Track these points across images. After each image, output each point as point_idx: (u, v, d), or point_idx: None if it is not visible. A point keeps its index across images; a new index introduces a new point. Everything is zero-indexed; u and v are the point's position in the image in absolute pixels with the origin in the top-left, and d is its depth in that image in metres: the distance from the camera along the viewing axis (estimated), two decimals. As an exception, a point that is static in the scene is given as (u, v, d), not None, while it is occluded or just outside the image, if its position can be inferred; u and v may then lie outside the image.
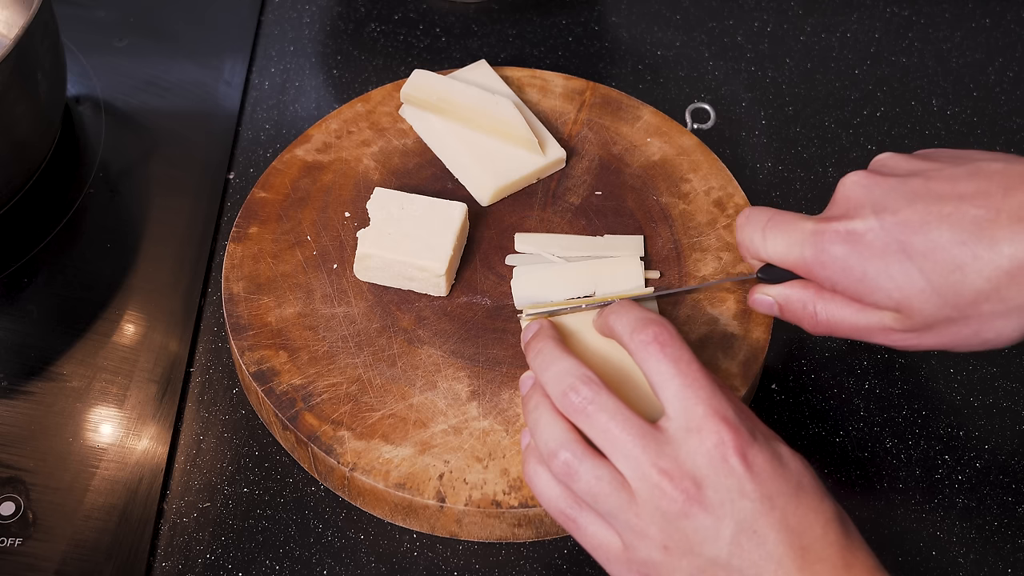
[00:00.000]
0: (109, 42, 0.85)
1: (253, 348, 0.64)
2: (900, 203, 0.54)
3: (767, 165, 0.80)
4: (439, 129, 0.74)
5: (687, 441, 0.50)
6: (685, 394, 0.51)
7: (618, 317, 0.55)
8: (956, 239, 0.52)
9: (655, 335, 0.52)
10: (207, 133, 0.80)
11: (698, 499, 0.49)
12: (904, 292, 0.54)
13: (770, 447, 0.51)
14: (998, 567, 0.62)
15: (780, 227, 0.58)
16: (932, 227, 0.53)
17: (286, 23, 0.88)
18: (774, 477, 0.50)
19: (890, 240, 0.54)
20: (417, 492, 0.59)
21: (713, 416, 0.50)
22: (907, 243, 0.53)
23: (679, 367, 0.51)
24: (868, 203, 0.55)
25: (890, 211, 0.54)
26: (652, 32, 0.88)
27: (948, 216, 0.52)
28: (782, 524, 0.49)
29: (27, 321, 0.70)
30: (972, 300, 0.53)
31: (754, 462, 0.49)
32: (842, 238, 0.55)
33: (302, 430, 0.61)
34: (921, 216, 0.53)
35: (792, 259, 0.57)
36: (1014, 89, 0.85)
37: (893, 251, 0.54)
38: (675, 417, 0.51)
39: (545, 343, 0.56)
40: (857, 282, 0.55)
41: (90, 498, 0.62)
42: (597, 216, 0.72)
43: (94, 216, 0.75)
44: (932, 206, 0.53)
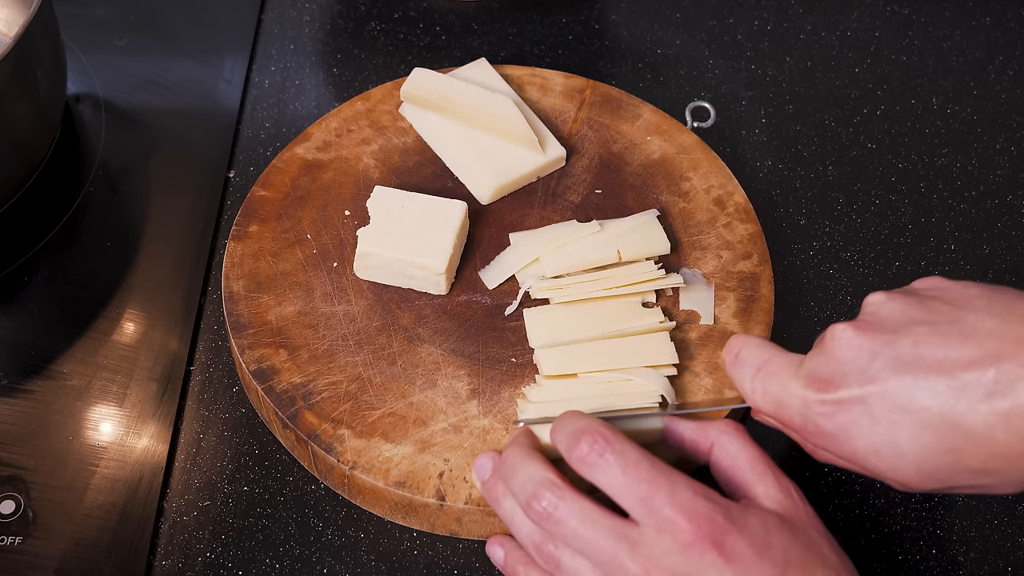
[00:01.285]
0: (109, 40, 0.85)
1: (253, 346, 0.64)
2: (887, 373, 0.50)
3: (767, 163, 0.80)
4: (439, 127, 0.74)
5: (660, 541, 0.49)
6: (645, 498, 0.50)
7: (556, 434, 0.54)
8: (947, 421, 0.49)
9: (590, 444, 0.51)
10: (207, 131, 0.80)
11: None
12: (897, 473, 0.51)
13: (750, 528, 0.49)
14: (998, 566, 0.62)
15: (770, 382, 0.54)
16: (921, 405, 0.49)
17: (286, 21, 0.88)
18: (757, 561, 0.49)
19: (879, 417, 0.50)
20: (417, 490, 0.59)
21: (681, 514, 0.49)
22: (896, 421, 0.50)
23: (627, 472, 0.50)
24: (855, 370, 0.51)
25: (878, 382, 0.50)
26: (652, 30, 0.88)
27: (938, 394, 0.49)
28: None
29: (27, 319, 0.70)
30: (969, 476, 0.50)
31: (733, 550, 0.49)
32: (829, 411, 0.52)
33: (302, 428, 0.61)
34: (909, 391, 0.50)
35: (782, 420, 0.54)
36: (1014, 87, 0.85)
37: (882, 430, 0.50)
38: (643, 521, 0.50)
39: (511, 448, 0.55)
40: (848, 455, 0.52)
41: (90, 496, 0.62)
42: (597, 214, 0.72)
43: (94, 215, 0.75)
44: (920, 380, 0.50)
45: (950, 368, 0.49)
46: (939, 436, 0.49)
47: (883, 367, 0.51)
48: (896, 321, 0.52)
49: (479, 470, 0.57)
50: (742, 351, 0.56)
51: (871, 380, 0.51)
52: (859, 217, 0.77)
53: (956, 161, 0.80)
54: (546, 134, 0.74)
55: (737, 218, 0.71)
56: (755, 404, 0.56)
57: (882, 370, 0.50)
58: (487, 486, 0.56)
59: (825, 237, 0.76)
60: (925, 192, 0.79)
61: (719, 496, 0.51)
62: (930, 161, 0.80)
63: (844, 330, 0.52)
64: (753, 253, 0.69)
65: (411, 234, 0.66)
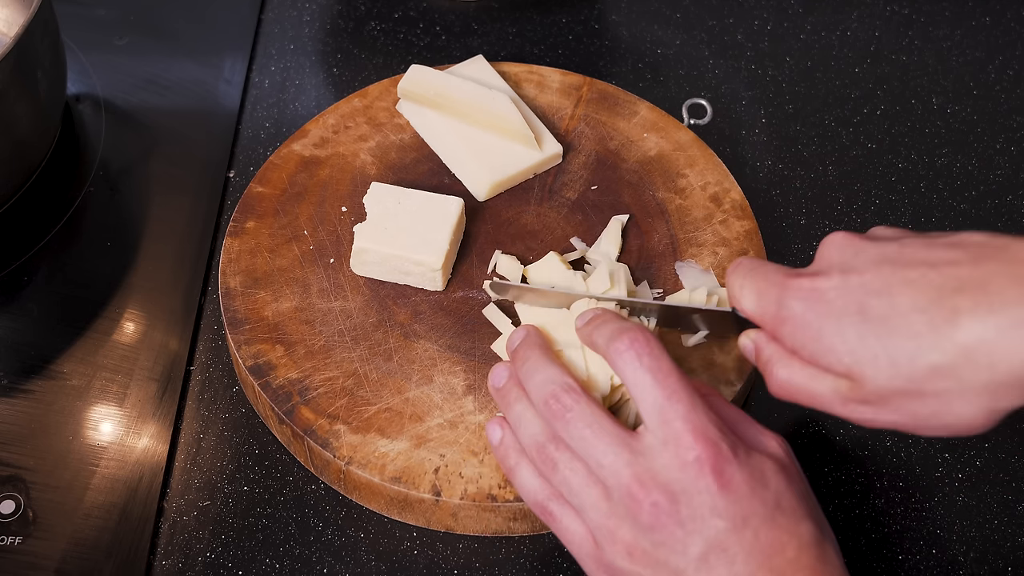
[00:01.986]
0: (109, 40, 0.85)
1: (250, 342, 0.64)
2: (867, 265, 0.52)
3: (767, 163, 0.80)
4: (436, 124, 0.74)
5: (663, 454, 0.50)
6: (663, 407, 0.50)
7: (596, 327, 0.55)
8: (915, 306, 0.49)
9: (631, 342, 0.52)
10: (207, 131, 0.80)
11: (669, 512, 0.49)
12: (856, 356, 0.51)
13: (750, 464, 0.50)
14: (998, 565, 0.62)
15: (756, 279, 0.56)
16: (894, 291, 0.50)
17: (286, 21, 0.88)
18: (750, 496, 0.49)
19: (849, 300, 0.51)
20: (413, 486, 0.59)
21: (691, 431, 0.49)
22: (866, 305, 0.51)
23: (657, 378, 0.51)
24: (838, 263, 0.53)
25: (856, 272, 0.52)
26: (652, 30, 0.88)
27: (912, 282, 0.50)
28: (753, 545, 0.48)
29: (27, 319, 0.70)
30: (927, 374, 0.49)
31: (730, 480, 0.49)
32: (805, 295, 0.53)
33: (298, 424, 0.61)
34: (885, 279, 0.51)
35: (759, 313, 0.55)
36: (1014, 87, 0.85)
37: (851, 312, 0.51)
38: (653, 429, 0.50)
39: (531, 351, 0.56)
40: (812, 340, 0.52)
41: (90, 496, 0.62)
42: (593, 211, 0.72)
43: (94, 214, 0.75)
44: (898, 270, 0.51)
45: (930, 263, 0.50)
46: (905, 322, 0.49)
47: (866, 260, 0.52)
48: (888, 236, 0.54)
49: (495, 377, 0.57)
50: (741, 262, 0.58)
51: (851, 271, 0.52)
52: (859, 217, 0.77)
53: (956, 161, 0.80)
54: (543, 131, 0.74)
55: (733, 215, 0.71)
56: (739, 301, 0.56)
57: (864, 263, 0.52)
58: (501, 391, 0.56)
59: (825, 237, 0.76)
60: (925, 192, 0.79)
61: (740, 425, 0.51)
62: (930, 161, 0.80)
63: (835, 233, 0.55)
64: (749, 250, 0.69)
65: (407, 230, 0.66)
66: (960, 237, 0.51)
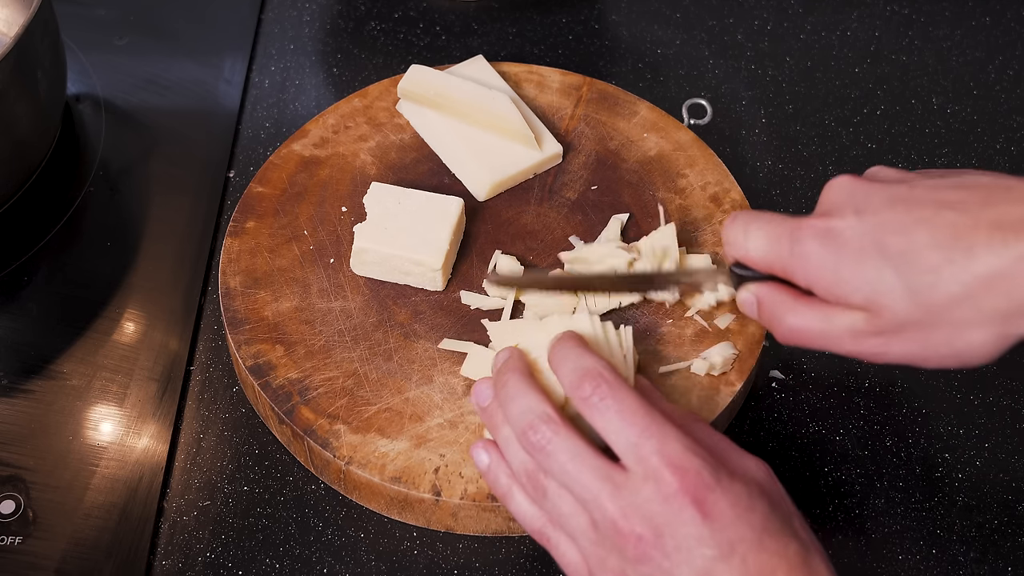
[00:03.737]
0: (109, 40, 0.85)
1: (250, 342, 0.64)
2: (881, 205, 0.53)
3: (767, 163, 0.80)
4: (436, 124, 0.74)
5: (644, 488, 0.50)
6: (636, 444, 0.50)
7: (559, 363, 0.55)
8: (933, 242, 0.51)
9: (593, 388, 0.52)
10: (207, 131, 0.80)
11: (655, 545, 0.49)
12: (875, 288, 0.53)
13: (734, 490, 0.50)
14: (998, 565, 0.62)
15: (762, 224, 0.57)
16: (910, 229, 0.52)
17: (286, 21, 0.88)
18: (736, 522, 0.49)
19: (867, 239, 0.53)
20: (413, 486, 0.59)
21: (667, 465, 0.49)
22: (883, 243, 0.52)
23: (624, 418, 0.51)
24: (850, 204, 0.54)
25: (870, 211, 0.53)
26: (652, 30, 0.88)
27: (927, 220, 0.52)
28: (742, 571, 0.48)
29: (27, 319, 0.70)
30: (945, 304, 0.51)
31: (713, 509, 0.49)
32: (820, 233, 0.54)
33: (298, 424, 0.61)
34: (900, 218, 0.52)
35: (771, 256, 0.56)
36: (1014, 87, 0.85)
37: (869, 249, 0.52)
38: (631, 468, 0.50)
39: (511, 375, 0.56)
40: (830, 278, 0.54)
41: (90, 496, 0.62)
42: (593, 211, 0.72)
43: (94, 215, 0.75)
44: (912, 210, 0.52)
45: (943, 202, 0.52)
46: (924, 257, 0.51)
47: (879, 202, 0.53)
48: (893, 178, 0.55)
49: (479, 396, 0.57)
50: (739, 214, 0.58)
51: (864, 211, 0.53)
52: (859, 216, 0.77)
53: (956, 161, 0.80)
54: (543, 131, 0.74)
55: (734, 215, 0.71)
56: (744, 250, 0.57)
57: (876, 204, 0.53)
58: (487, 412, 0.56)
59: (825, 236, 0.76)
60: (925, 191, 0.78)
61: (710, 454, 0.51)
62: (930, 161, 0.80)
63: (840, 176, 0.56)
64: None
65: (408, 230, 0.66)
66: (964, 179, 0.53)
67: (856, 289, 0.53)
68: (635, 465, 0.50)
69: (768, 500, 0.51)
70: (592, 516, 0.51)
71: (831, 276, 0.54)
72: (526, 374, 0.56)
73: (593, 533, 0.51)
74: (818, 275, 0.54)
